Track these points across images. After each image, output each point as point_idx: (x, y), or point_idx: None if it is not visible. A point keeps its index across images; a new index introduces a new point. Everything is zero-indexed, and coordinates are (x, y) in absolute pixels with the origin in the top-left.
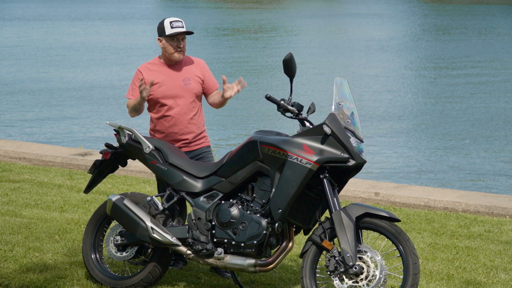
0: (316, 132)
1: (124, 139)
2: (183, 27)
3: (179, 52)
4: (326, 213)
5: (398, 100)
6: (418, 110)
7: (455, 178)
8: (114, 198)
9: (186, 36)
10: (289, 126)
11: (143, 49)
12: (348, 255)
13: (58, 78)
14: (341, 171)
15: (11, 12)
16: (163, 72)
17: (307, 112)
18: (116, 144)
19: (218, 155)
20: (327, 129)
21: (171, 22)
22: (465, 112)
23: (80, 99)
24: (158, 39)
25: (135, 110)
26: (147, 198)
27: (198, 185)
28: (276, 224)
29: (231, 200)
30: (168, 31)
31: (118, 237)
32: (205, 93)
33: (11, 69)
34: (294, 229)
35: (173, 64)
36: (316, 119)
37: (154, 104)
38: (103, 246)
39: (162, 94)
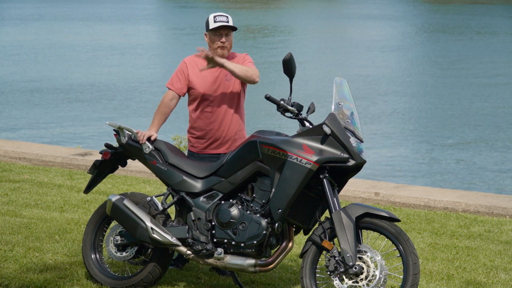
0: (316, 132)
1: (124, 139)
2: (227, 22)
3: (223, 48)
4: (326, 213)
5: (398, 100)
6: (418, 110)
7: (455, 178)
8: (114, 199)
9: (233, 33)
10: (289, 126)
11: (143, 49)
12: (348, 255)
13: (58, 78)
14: (341, 171)
15: (11, 12)
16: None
17: (307, 112)
18: (115, 144)
19: None
20: (326, 129)
21: (215, 17)
22: (465, 112)
23: (80, 99)
24: (205, 34)
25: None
26: (147, 198)
27: (198, 185)
28: (276, 224)
29: (231, 200)
30: (212, 25)
31: (118, 237)
32: None
33: (10, 69)
34: (294, 229)
35: None
36: (315, 119)
37: (194, 99)
38: (103, 246)
39: (203, 89)
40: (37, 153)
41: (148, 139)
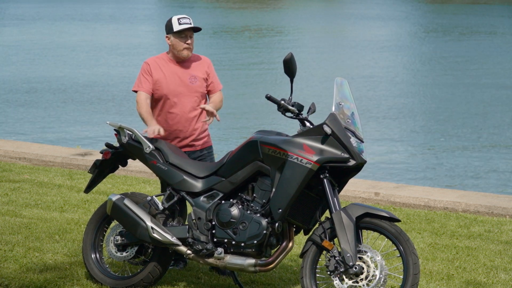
0: (316, 132)
1: (125, 139)
2: (190, 23)
3: (188, 49)
4: (326, 213)
5: (398, 100)
6: (418, 110)
7: (455, 178)
8: (114, 198)
9: (194, 33)
10: (290, 126)
11: (143, 49)
12: (348, 255)
13: (58, 78)
14: (342, 171)
15: (11, 12)
16: (170, 68)
17: (308, 112)
18: (116, 144)
19: (218, 155)
20: (327, 129)
21: (178, 19)
22: (465, 112)
23: (80, 99)
24: (166, 37)
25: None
26: (147, 198)
27: (198, 185)
28: (276, 224)
29: (231, 200)
30: (176, 27)
31: (118, 237)
32: (208, 92)
33: (10, 69)
34: (294, 229)
35: (181, 62)
36: (316, 119)
37: (158, 100)
38: (103, 246)
39: (168, 90)
40: (37, 153)
41: (149, 139)
